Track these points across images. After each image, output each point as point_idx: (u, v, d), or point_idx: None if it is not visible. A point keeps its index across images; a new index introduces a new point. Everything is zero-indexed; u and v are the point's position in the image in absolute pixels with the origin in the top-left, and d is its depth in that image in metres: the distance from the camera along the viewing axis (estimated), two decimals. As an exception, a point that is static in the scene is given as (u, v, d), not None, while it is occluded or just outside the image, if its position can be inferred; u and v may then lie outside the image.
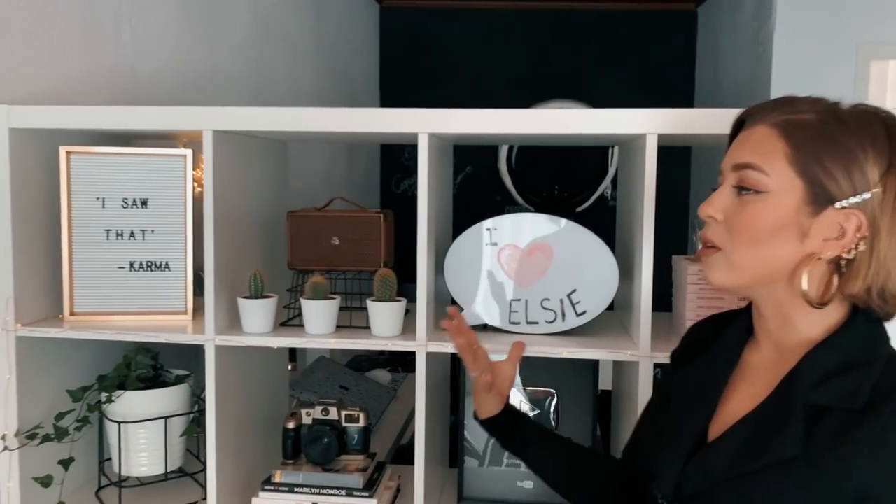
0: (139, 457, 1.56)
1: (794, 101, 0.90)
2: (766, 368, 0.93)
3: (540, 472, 1.21)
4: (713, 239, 0.91)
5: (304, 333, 1.41)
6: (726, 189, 0.90)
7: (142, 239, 1.52)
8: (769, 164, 0.86)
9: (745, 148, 0.89)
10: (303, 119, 1.35)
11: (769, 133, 0.88)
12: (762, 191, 0.87)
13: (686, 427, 0.95)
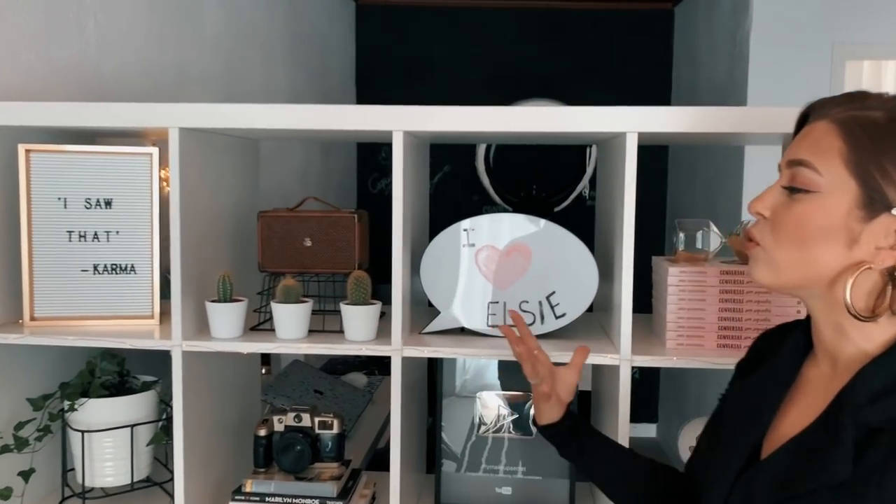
0: (104, 467, 1.50)
1: (866, 96, 0.85)
2: (822, 384, 0.88)
3: (596, 482, 1.17)
4: (756, 236, 0.88)
5: (274, 338, 1.37)
6: (778, 185, 0.87)
7: (106, 241, 1.46)
8: (823, 162, 0.82)
9: (803, 144, 0.85)
10: (273, 116, 1.31)
11: (828, 130, 0.83)
12: (813, 190, 0.82)
13: (738, 443, 0.91)
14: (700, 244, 1.39)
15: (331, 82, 3.98)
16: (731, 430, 0.94)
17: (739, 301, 1.32)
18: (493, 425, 1.59)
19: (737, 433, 0.92)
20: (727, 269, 1.33)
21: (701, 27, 4.00)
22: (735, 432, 0.92)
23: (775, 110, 1.25)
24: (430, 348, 1.35)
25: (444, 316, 1.44)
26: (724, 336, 1.33)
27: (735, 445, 0.91)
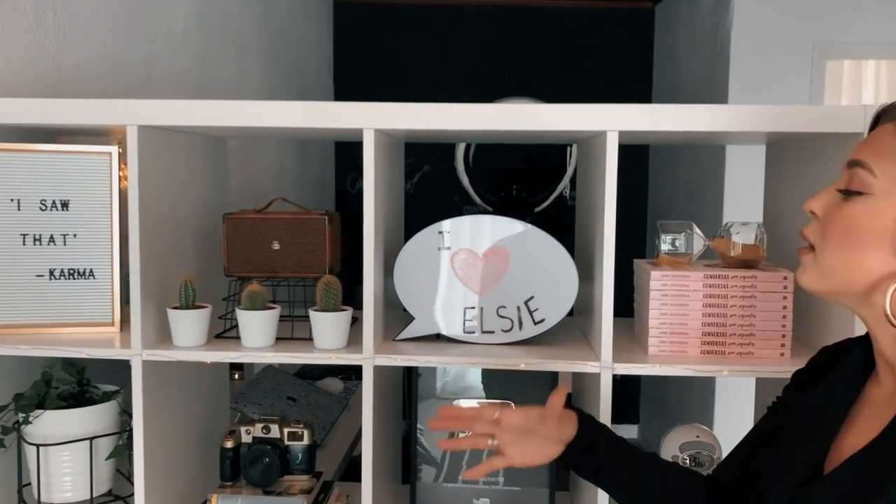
0: (62, 482, 1.43)
1: None
2: (884, 402, 0.85)
3: (616, 498, 1.08)
4: (808, 236, 0.86)
5: (240, 347, 1.30)
6: (833, 187, 0.84)
7: (63, 244, 1.39)
8: (880, 164, 0.79)
9: (864, 146, 0.83)
10: (237, 113, 1.24)
11: (889, 132, 0.81)
12: (866, 192, 0.80)
13: (798, 459, 0.87)
14: (683, 247, 1.34)
15: (307, 81, 3.90)
16: (790, 445, 0.90)
17: (724, 306, 1.27)
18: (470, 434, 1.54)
19: (797, 449, 0.88)
20: (711, 272, 1.28)
21: (682, 26, 3.97)
22: (795, 448, 0.89)
23: (758, 108, 1.21)
24: (403, 356, 1.29)
25: (419, 322, 1.38)
26: (708, 342, 1.28)
27: (795, 462, 0.87)
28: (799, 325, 1.33)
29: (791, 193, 1.46)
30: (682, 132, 1.22)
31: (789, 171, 1.47)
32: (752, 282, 1.27)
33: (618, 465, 1.05)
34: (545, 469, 1.51)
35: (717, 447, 1.39)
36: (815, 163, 1.34)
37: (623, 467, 1.05)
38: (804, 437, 0.89)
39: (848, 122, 1.18)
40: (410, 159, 4.39)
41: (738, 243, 1.32)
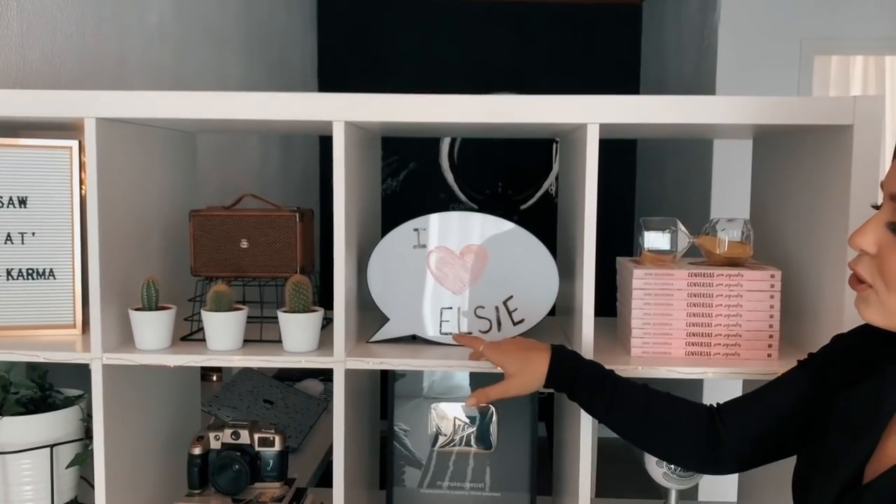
0: (22, 491, 1.36)
1: None
2: None
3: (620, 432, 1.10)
4: (864, 275, 0.81)
5: (205, 350, 1.24)
6: (882, 220, 0.80)
7: (20, 243, 1.32)
8: None
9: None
10: (197, 104, 1.18)
11: None
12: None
13: (841, 463, 0.83)
14: (667, 244, 1.29)
15: (290, 76, 3.83)
16: (833, 448, 0.86)
17: (709, 305, 1.23)
18: (449, 437, 1.49)
19: (841, 450, 0.84)
20: (696, 270, 1.23)
21: (669, 22, 3.93)
22: (838, 451, 0.85)
23: (742, 99, 1.16)
24: (376, 359, 1.24)
25: (394, 323, 1.33)
26: (693, 343, 1.23)
27: (839, 464, 0.83)
28: (787, 325, 1.28)
29: (778, 189, 1.42)
30: (663, 124, 1.17)
31: (776, 166, 1.43)
32: (738, 280, 1.22)
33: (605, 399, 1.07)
34: (526, 474, 1.47)
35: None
36: (802, 157, 1.30)
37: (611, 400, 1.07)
38: (850, 437, 0.84)
39: (837, 113, 1.13)
40: (396, 157, 4.33)
41: (724, 240, 1.28)
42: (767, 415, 0.99)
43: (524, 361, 1.10)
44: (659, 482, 1.36)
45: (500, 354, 1.13)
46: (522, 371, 1.10)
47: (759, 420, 1.00)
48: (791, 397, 0.97)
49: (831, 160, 1.19)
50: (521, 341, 1.15)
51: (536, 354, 1.10)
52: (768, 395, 1.01)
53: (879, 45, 3.27)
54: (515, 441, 1.48)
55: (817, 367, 0.97)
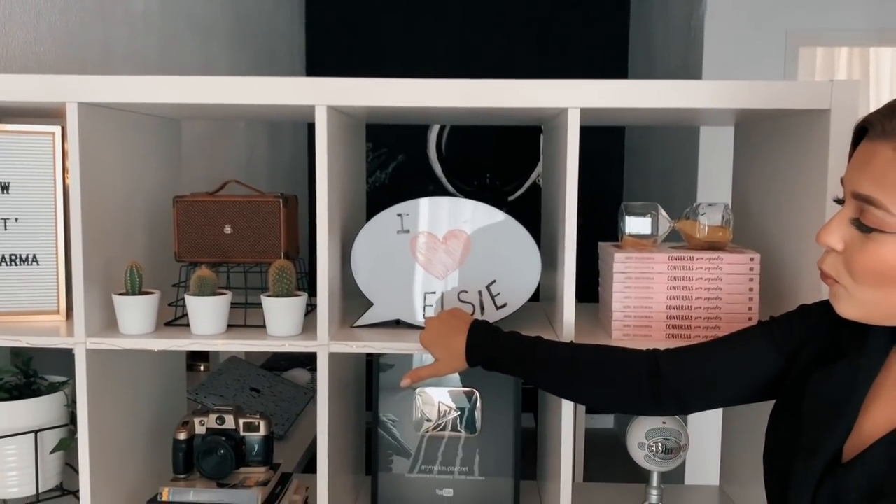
0: (7, 476, 1.37)
1: None
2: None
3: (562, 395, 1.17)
4: (831, 273, 0.82)
5: (189, 334, 1.25)
6: (846, 216, 0.80)
7: (3, 229, 1.32)
8: (892, 199, 0.75)
9: (866, 174, 0.77)
10: (178, 88, 1.18)
11: (890, 158, 0.75)
12: (888, 231, 0.76)
13: (820, 444, 0.84)
14: (648, 229, 1.31)
15: (278, 68, 3.82)
16: (812, 427, 0.87)
17: (689, 288, 1.24)
18: (435, 422, 1.50)
19: (819, 431, 0.85)
20: (676, 254, 1.25)
21: (656, 14, 3.95)
22: (817, 430, 0.86)
23: (717, 84, 1.16)
24: (359, 343, 1.25)
25: (378, 308, 1.34)
26: (673, 325, 1.25)
27: (818, 445, 0.84)
28: (766, 307, 1.30)
29: (758, 174, 1.43)
30: (643, 109, 1.18)
31: (757, 152, 1.44)
32: (717, 263, 1.24)
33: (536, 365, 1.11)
34: (510, 459, 1.48)
35: (683, 433, 1.37)
36: (781, 143, 1.31)
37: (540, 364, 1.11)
38: (828, 416, 0.85)
39: (814, 98, 1.14)
40: (385, 149, 4.33)
41: (704, 225, 1.29)
42: (719, 360, 1.02)
43: (446, 347, 1.16)
44: (641, 464, 1.38)
45: (428, 342, 1.18)
46: (447, 355, 1.16)
47: (708, 362, 1.02)
48: (748, 351, 1.00)
49: (809, 145, 1.20)
50: (447, 321, 1.18)
51: (456, 339, 1.15)
52: (721, 344, 1.04)
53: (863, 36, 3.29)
54: (499, 426, 1.49)
55: (784, 334, 0.98)
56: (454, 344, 1.15)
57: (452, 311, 1.21)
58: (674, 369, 1.04)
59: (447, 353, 1.16)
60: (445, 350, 1.16)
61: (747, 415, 1.41)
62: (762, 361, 0.99)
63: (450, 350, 1.16)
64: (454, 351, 1.15)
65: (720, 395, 1.05)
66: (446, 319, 1.19)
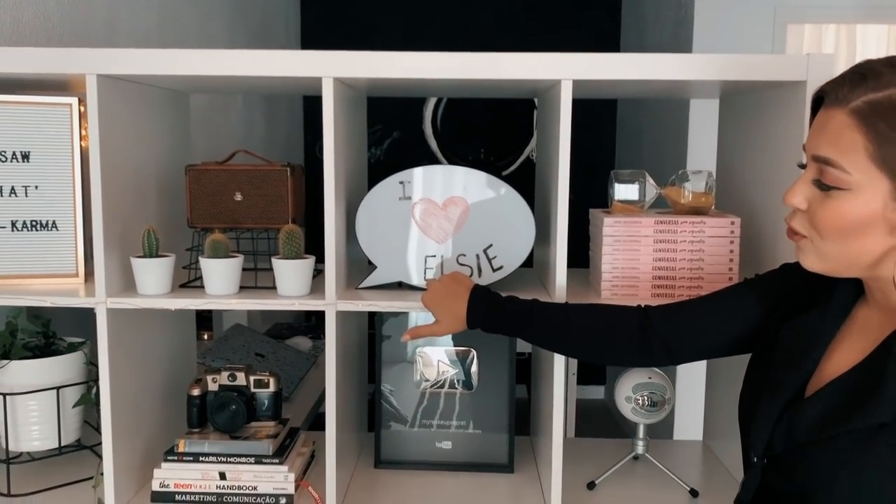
0: (30, 430, 1.45)
1: (878, 72, 0.81)
2: (871, 327, 0.90)
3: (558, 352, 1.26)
4: (798, 229, 0.89)
5: (204, 295, 1.32)
6: (808, 178, 0.87)
7: (24, 196, 1.39)
8: (849, 160, 0.82)
9: (823, 138, 0.84)
10: (194, 61, 1.25)
11: (846, 123, 0.82)
12: (844, 188, 0.83)
13: (784, 383, 0.93)
14: (636, 195, 1.39)
15: (273, 42, 3.87)
16: (779, 368, 0.95)
17: (673, 250, 1.32)
18: (434, 381, 1.59)
19: (784, 372, 0.94)
20: (662, 219, 1.33)
21: (648, -10, 3.99)
22: (783, 371, 0.94)
23: (698, 57, 1.24)
24: (364, 302, 1.33)
25: (381, 270, 1.42)
26: (658, 285, 1.33)
27: (782, 384, 0.93)
28: (748, 268, 1.38)
29: (741, 143, 1.51)
30: (631, 80, 1.26)
31: (739, 123, 1.52)
32: (700, 227, 1.32)
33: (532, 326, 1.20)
34: (505, 414, 1.57)
35: (668, 388, 1.46)
36: (762, 113, 1.39)
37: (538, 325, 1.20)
38: (792, 361, 0.94)
39: (791, 70, 1.22)
40: (380, 125, 4.39)
41: (689, 191, 1.37)
42: (706, 313, 1.11)
43: (447, 309, 1.24)
44: (628, 417, 1.47)
45: (430, 303, 1.26)
46: (448, 317, 1.24)
47: (695, 314, 1.11)
48: (733, 305, 1.08)
49: (787, 115, 1.28)
50: (449, 285, 1.26)
51: (457, 303, 1.23)
52: (709, 298, 1.12)
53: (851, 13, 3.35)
54: (495, 383, 1.57)
55: (765, 290, 1.07)
56: (455, 307, 1.23)
57: (454, 276, 1.28)
58: (664, 322, 1.13)
59: (448, 315, 1.24)
60: (446, 312, 1.24)
61: (729, 373, 1.49)
62: (745, 315, 1.07)
63: (451, 312, 1.24)
64: (455, 314, 1.23)
65: (706, 346, 1.13)
66: (448, 283, 1.26)
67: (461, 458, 1.57)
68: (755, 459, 0.93)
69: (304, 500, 1.41)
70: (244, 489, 1.39)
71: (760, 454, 0.92)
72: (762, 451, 0.92)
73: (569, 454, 1.52)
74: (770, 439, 0.91)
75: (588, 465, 1.56)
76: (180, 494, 1.39)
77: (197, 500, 1.39)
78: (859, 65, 0.84)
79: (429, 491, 1.49)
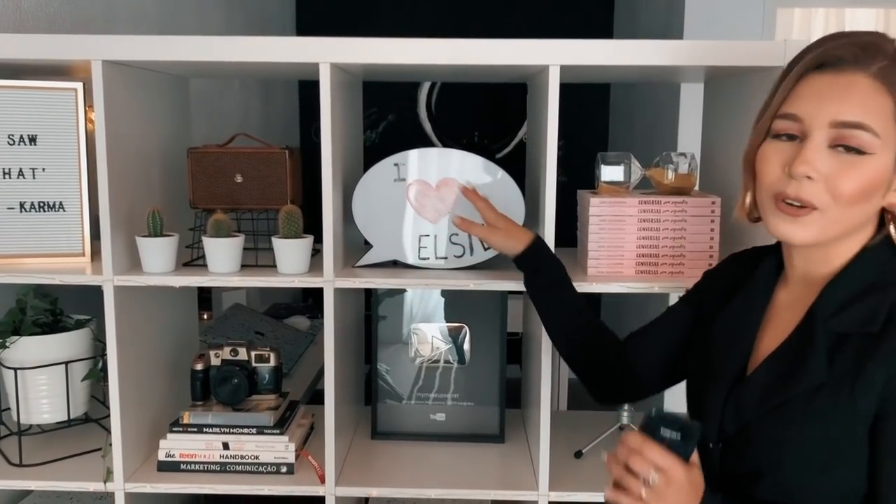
0: (40, 404, 1.51)
1: (883, 38, 0.86)
2: (795, 304, 0.95)
3: (549, 331, 1.29)
4: (813, 200, 0.85)
5: (206, 272, 1.38)
6: (820, 145, 0.85)
7: (32, 178, 1.44)
8: (879, 124, 0.83)
9: (850, 102, 0.83)
10: (195, 47, 1.30)
11: (874, 87, 0.83)
12: (868, 152, 0.83)
13: (726, 369, 0.97)
14: (621, 176, 1.44)
15: (270, 28, 3.89)
16: (718, 356, 1.00)
17: (656, 230, 1.38)
18: (428, 357, 1.65)
19: (724, 358, 0.99)
20: (646, 199, 1.38)
21: (640, -26, 4.02)
22: (722, 357, 0.99)
23: (678, 43, 1.29)
24: (361, 279, 1.39)
25: (377, 249, 1.47)
26: (642, 263, 1.39)
27: (723, 369, 0.98)
28: (728, 246, 1.44)
29: (723, 126, 1.56)
30: (618, 66, 1.31)
31: (722, 107, 1.57)
32: (682, 207, 1.38)
33: (557, 300, 1.26)
34: (496, 388, 1.63)
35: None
36: (743, 98, 1.44)
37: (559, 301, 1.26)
38: (729, 346, 1.00)
39: (769, 56, 1.27)
40: (375, 109, 4.42)
41: (672, 172, 1.42)
42: (662, 342, 1.15)
43: (511, 231, 1.31)
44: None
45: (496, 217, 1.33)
46: (508, 237, 1.30)
47: (656, 347, 1.16)
48: (679, 327, 1.13)
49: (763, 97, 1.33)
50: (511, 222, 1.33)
51: (521, 233, 1.30)
52: (661, 326, 1.17)
53: (840, -3, 3.40)
54: (486, 358, 1.64)
55: (696, 301, 1.12)
56: (519, 234, 1.30)
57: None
58: (630, 350, 1.19)
59: (508, 236, 1.30)
60: (509, 233, 1.30)
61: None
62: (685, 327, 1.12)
63: (513, 235, 1.30)
64: (516, 237, 1.29)
65: (664, 366, 1.16)
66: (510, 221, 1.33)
67: (454, 430, 1.63)
68: (711, 445, 0.96)
69: (304, 469, 1.48)
70: (246, 458, 1.45)
71: (715, 439, 0.96)
72: (716, 436, 0.96)
73: (558, 425, 1.58)
74: (721, 423, 0.95)
75: (576, 436, 1.62)
76: (185, 464, 1.46)
77: (201, 468, 1.45)
78: (860, 33, 0.87)
79: (423, 460, 1.55)
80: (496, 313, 1.63)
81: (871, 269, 0.89)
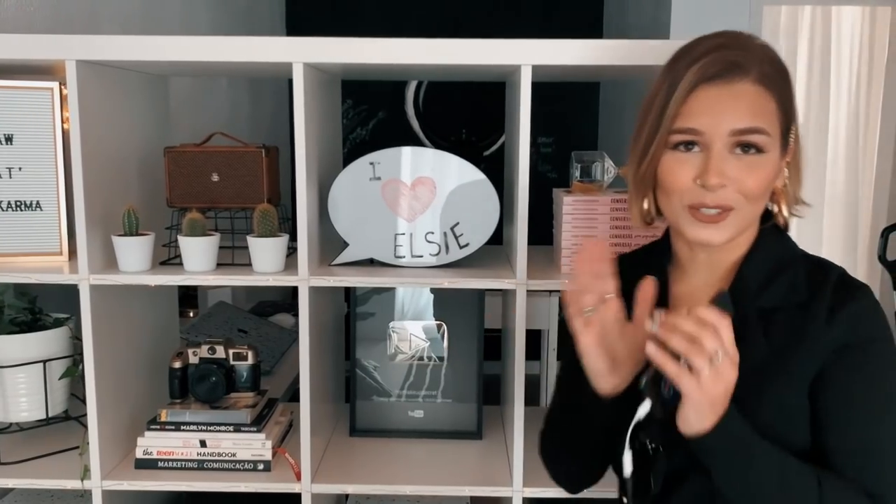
0: (18, 402, 1.52)
1: (748, 40, 0.92)
2: (696, 292, 0.98)
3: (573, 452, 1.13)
4: (731, 204, 0.91)
5: (182, 271, 1.39)
6: (722, 153, 0.89)
7: (8, 177, 1.44)
8: (769, 123, 0.91)
9: (746, 112, 0.89)
10: (167, 48, 1.30)
11: (759, 92, 0.90)
12: (765, 151, 0.91)
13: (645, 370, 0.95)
14: (595, 175, 1.45)
15: (258, 25, 3.90)
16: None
17: (628, 227, 1.39)
18: (407, 354, 1.66)
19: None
20: (618, 197, 1.40)
21: (629, -28, 4.04)
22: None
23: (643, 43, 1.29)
24: (336, 278, 1.39)
25: (353, 248, 1.48)
26: (615, 260, 1.40)
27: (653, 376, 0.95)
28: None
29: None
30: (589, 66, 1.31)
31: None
32: (654, 205, 1.39)
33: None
34: (474, 385, 1.64)
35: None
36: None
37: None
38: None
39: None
40: (365, 106, 4.42)
41: (645, 171, 1.43)
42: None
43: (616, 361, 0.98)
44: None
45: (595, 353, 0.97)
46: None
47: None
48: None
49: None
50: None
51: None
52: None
53: (826, -5, 3.41)
54: (464, 356, 1.65)
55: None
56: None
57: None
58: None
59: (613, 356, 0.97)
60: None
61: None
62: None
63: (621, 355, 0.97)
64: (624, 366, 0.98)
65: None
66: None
67: (433, 427, 1.65)
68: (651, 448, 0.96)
69: (282, 466, 1.49)
70: (223, 456, 1.46)
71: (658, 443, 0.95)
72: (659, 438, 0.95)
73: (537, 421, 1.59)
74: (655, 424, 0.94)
75: (553, 433, 1.63)
76: (163, 461, 1.47)
77: (179, 466, 1.46)
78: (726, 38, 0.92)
79: (400, 456, 1.56)
80: (474, 311, 1.64)
81: (773, 247, 0.97)
